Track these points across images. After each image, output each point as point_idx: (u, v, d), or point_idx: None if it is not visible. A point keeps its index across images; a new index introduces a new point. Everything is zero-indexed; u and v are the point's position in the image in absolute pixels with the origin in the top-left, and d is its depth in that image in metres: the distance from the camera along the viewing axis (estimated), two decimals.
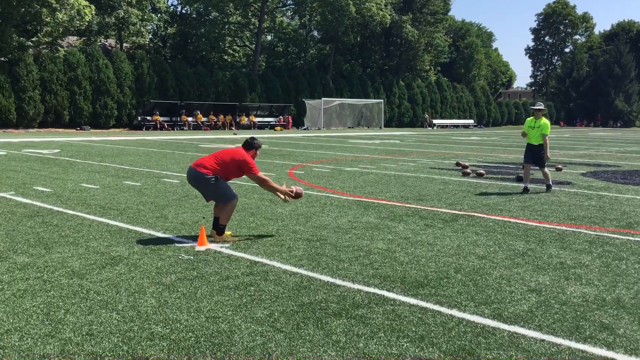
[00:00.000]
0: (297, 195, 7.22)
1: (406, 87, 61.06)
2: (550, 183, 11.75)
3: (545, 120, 11.65)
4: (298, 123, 50.16)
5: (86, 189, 10.65)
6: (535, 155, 11.67)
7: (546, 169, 11.73)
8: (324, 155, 20.20)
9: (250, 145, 7.09)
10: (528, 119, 12.01)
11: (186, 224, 7.60)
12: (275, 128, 46.75)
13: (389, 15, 54.90)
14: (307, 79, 53.69)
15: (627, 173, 15.65)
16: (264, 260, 5.86)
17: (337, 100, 52.37)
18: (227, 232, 6.92)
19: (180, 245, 6.48)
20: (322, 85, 53.95)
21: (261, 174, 6.97)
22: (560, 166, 16.49)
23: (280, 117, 49.25)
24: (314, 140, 30.01)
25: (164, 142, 26.36)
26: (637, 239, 7.23)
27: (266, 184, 6.96)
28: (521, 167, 16.45)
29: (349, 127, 53.04)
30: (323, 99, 49.59)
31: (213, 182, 6.75)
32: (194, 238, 6.69)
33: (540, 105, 12.11)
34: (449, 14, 71.51)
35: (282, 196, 7.12)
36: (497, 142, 31.98)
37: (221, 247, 6.38)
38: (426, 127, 59.06)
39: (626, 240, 7.14)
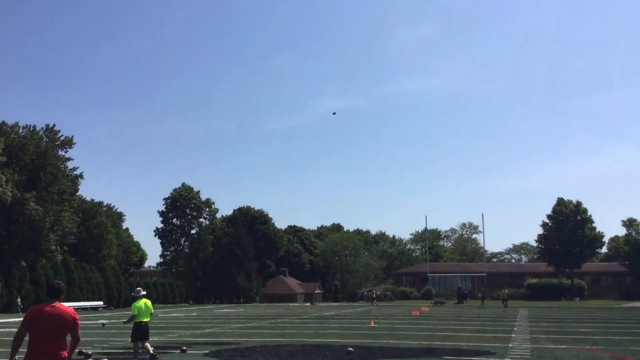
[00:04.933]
0: None
1: (28, 269, 56.32)
2: (153, 352, 13.94)
3: (147, 300, 14.64)
4: None
5: None
6: (143, 332, 14.11)
7: (147, 343, 14.20)
8: None
9: (60, 291, 6.40)
10: (135, 303, 14.46)
11: None
12: None
13: (10, 192, 51.56)
14: None
15: (246, 350, 16.85)
16: None
17: None
18: None
19: None
20: None
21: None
22: (184, 347, 16.86)
23: None
24: None
25: None
26: None
27: (78, 342, 6.48)
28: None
29: None
30: None
31: None
32: None
33: (144, 291, 15.02)
34: (78, 193, 70.71)
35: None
36: (126, 326, 31.19)
37: None
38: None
39: None
